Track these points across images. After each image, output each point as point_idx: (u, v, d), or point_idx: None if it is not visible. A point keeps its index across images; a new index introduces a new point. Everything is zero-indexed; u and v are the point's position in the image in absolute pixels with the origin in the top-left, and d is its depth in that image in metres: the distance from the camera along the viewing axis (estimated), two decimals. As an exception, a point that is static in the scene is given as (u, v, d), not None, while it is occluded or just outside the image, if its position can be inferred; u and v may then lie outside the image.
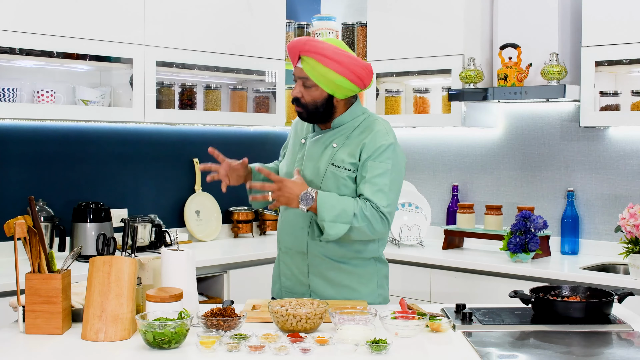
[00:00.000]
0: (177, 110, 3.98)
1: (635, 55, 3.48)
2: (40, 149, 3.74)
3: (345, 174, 2.50)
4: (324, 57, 2.44)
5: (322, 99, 2.52)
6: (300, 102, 2.54)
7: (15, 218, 2.15)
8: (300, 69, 2.50)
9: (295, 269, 2.62)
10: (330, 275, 2.58)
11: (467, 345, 2.09)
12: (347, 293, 2.59)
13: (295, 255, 2.61)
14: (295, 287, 2.63)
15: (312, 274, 2.59)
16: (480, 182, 4.32)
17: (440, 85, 4.28)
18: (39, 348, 2.06)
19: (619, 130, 3.83)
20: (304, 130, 2.69)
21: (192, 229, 4.24)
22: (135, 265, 2.19)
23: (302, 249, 2.59)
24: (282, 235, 2.66)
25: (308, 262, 2.59)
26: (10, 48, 3.27)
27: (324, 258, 2.57)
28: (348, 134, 2.57)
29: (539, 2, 3.78)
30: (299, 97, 2.53)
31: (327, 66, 2.45)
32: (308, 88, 2.51)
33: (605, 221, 3.88)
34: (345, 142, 2.56)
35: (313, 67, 2.46)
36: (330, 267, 2.58)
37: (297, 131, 2.72)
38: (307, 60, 2.47)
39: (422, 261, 3.84)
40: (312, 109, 2.54)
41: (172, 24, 3.83)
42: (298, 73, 2.52)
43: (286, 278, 2.66)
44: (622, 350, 2.12)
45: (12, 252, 3.33)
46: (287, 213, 2.62)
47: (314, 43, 2.46)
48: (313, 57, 2.45)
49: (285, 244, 2.64)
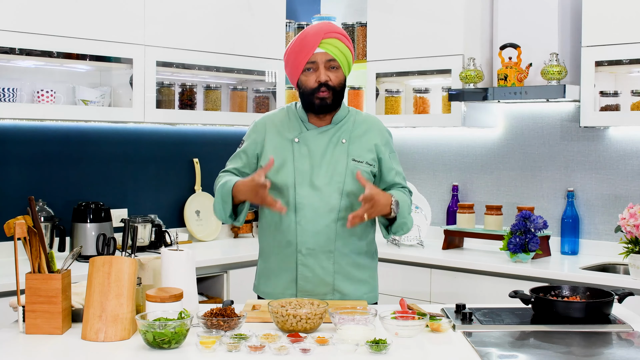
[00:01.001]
0: (177, 110, 3.98)
1: (635, 55, 3.48)
2: (40, 149, 3.74)
3: (369, 169, 2.58)
4: (344, 36, 2.56)
5: (343, 81, 2.59)
6: (329, 86, 2.53)
7: (15, 218, 2.15)
8: (325, 52, 2.52)
9: (319, 269, 2.56)
10: (352, 271, 2.59)
11: (467, 345, 2.09)
12: (366, 289, 2.63)
13: (319, 255, 2.55)
14: (317, 289, 2.57)
15: (337, 272, 2.57)
16: (480, 182, 4.32)
17: (440, 85, 4.28)
18: (39, 348, 2.06)
19: (619, 130, 3.83)
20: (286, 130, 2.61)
21: (192, 229, 4.24)
22: (135, 265, 2.18)
23: (329, 247, 2.55)
24: (302, 236, 2.54)
25: (334, 260, 2.56)
26: (10, 48, 3.28)
27: (349, 254, 2.58)
28: (350, 130, 2.60)
29: (539, 2, 3.78)
30: (327, 81, 2.53)
31: (347, 45, 2.55)
32: (334, 70, 2.55)
33: (605, 221, 3.88)
34: (351, 138, 2.59)
35: (337, 47, 2.52)
36: (352, 262, 2.59)
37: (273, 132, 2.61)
38: (329, 42, 2.52)
39: (422, 261, 3.84)
40: (338, 92, 2.56)
41: (172, 24, 3.83)
42: (322, 57, 2.52)
43: (306, 281, 2.57)
44: (622, 350, 2.12)
45: (12, 252, 3.33)
46: (304, 213, 2.53)
47: (331, 25, 2.58)
48: (336, 37, 2.53)
49: (307, 246, 2.55)
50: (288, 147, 2.59)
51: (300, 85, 2.57)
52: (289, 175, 2.56)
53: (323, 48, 2.51)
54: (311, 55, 2.51)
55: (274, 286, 2.63)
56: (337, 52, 2.52)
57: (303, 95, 2.58)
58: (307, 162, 2.57)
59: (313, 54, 2.51)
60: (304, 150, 2.58)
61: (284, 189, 2.55)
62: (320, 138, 2.58)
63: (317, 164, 2.56)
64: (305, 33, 2.54)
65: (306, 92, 2.55)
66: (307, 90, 2.55)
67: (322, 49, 2.51)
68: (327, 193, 2.54)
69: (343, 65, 2.55)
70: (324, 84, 2.52)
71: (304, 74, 2.55)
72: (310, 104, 2.56)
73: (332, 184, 2.54)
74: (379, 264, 2.75)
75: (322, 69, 2.52)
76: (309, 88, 2.54)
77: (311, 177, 2.55)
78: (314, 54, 2.51)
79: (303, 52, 2.52)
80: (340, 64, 2.54)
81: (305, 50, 2.52)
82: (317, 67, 2.53)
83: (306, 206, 2.54)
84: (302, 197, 2.54)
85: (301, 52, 2.52)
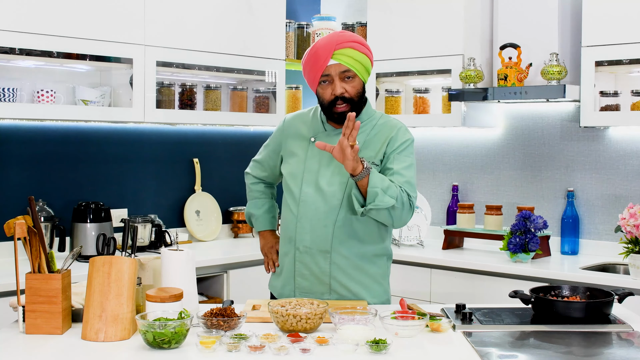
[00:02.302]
0: (177, 110, 3.98)
1: (635, 55, 3.48)
2: (40, 149, 3.74)
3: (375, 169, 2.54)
4: (358, 43, 2.52)
5: (361, 89, 2.56)
6: (345, 98, 2.52)
7: (15, 218, 2.15)
8: (338, 64, 2.49)
9: (315, 268, 2.58)
10: (352, 272, 2.58)
11: (467, 345, 2.09)
12: (365, 293, 2.60)
13: (316, 254, 2.57)
14: (314, 287, 2.59)
15: (334, 273, 2.57)
16: (480, 182, 4.32)
17: (440, 85, 4.28)
18: (39, 348, 2.06)
19: (619, 130, 3.83)
20: (306, 130, 2.66)
21: (192, 229, 4.24)
22: (135, 265, 2.19)
23: (325, 247, 2.56)
24: (300, 234, 2.58)
25: (331, 260, 2.56)
26: (10, 48, 3.27)
27: (348, 257, 2.57)
28: (367, 133, 2.59)
29: (539, 2, 3.78)
30: (342, 94, 2.51)
31: (362, 52, 2.51)
32: (350, 80, 2.52)
33: (605, 221, 3.88)
34: (365, 142, 2.57)
35: (351, 57, 2.49)
36: (352, 264, 2.58)
37: (295, 131, 2.69)
38: (343, 52, 2.48)
39: (422, 261, 3.84)
40: (357, 101, 2.55)
41: (172, 24, 3.83)
42: (336, 69, 2.50)
43: (303, 278, 2.60)
44: (622, 350, 2.12)
45: (12, 252, 3.33)
46: (305, 210, 2.56)
47: (343, 34, 2.53)
48: (349, 46, 2.49)
49: (304, 243, 2.58)
50: (304, 146, 2.63)
51: (319, 96, 2.58)
52: (298, 173, 2.60)
53: (336, 59, 2.49)
54: (324, 69, 2.50)
55: (276, 280, 2.73)
56: (352, 61, 2.49)
57: (322, 106, 2.59)
58: (317, 162, 2.58)
59: (326, 66, 2.50)
60: (316, 150, 2.59)
61: (292, 185, 2.61)
62: (334, 139, 2.58)
63: (325, 165, 2.57)
64: (316, 47, 2.52)
65: (324, 104, 2.56)
66: (325, 102, 2.55)
67: (335, 60, 2.49)
68: (329, 194, 2.54)
69: (360, 72, 2.52)
70: (340, 97, 2.51)
71: (320, 86, 2.54)
72: (330, 114, 2.58)
73: (335, 185, 2.54)
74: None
75: (337, 82, 2.51)
76: (326, 101, 2.54)
77: (317, 177, 2.56)
78: (327, 67, 2.50)
79: (316, 66, 2.51)
80: (357, 72, 2.51)
81: (319, 65, 2.50)
82: (332, 79, 2.51)
83: (308, 205, 2.56)
84: (306, 195, 2.57)
85: (315, 66, 2.51)
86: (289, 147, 2.68)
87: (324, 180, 2.56)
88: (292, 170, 2.63)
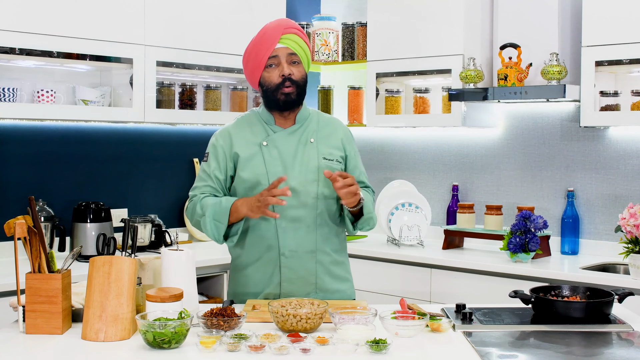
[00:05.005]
0: (177, 110, 3.98)
1: (635, 55, 3.48)
2: (40, 149, 3.74)
3: (339, 167, 2.61)
4: (301, 32, 2.59)
5: (305, 77, 2.60)
6: (292, 80, 2.54)
7: (15, 218, 2.15)
8: (286, 47, 2.54)
9: (302, 270, 2.57)
10: (332, 269, 2.62)
11: (467, 345, 2.10)
12: (345, 285, 2.67)
13: (302, 256, 2.57)
14: (300, 289, 2.57)
15: (319, 271, 2.59)
16: (480, 182, 4.32)
17: (440, 85, 4.28)
18: (39, 348, 2.06)
19: (619, 130, 3.83)
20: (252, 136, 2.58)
21: (192, 229, 4.23)
22: (135, 265, 2.19)
23: (311, 247, 2.57)
24: (284, 239, 2.54)
25: (316, 259, 2.58)
26: (10, 48, 3.28)
27: (329, 253, 2.61)
28: (315, 129, 2.63)
29: (539, 2, 3.78)
30: (290, 75, 2.53)
31: (306, 42, 2.59)
32: (296, 65, 2.56)
33: (605, 221, 3.88)
34: (317, 137, 2.61)
35: (296, 42, 2.55)
36: (332, 260, 2.62)
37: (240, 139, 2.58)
38: (289, 37, 2.54)
39: (422, 261, 3.84)
40: (302, 86, 2.57)
41: (172, 24, 3.83)
42: (284, 52, 2.54)
43: (289, 283, 2.57)
44: (622, 350, 2.12)
45: (12, 252, 3.33)
46: (284, 216, 2.52)
47: (290, 21, 2.61)
48: (295, 32, 2.56)
49: (289, 248, 2.55)
50: (257, 152, 2.57)
51: (263, 82, 2.56)
52: (262, 179, 2.54)
53: (283, 43, 2.53)
54: (272, 50, 2.53)
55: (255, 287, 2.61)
56: (297, 47, 2.55)
57: (267, 93, 2.57)
58: (279, 164, 2.55)
59: (274, 48, 2.53)
60: (275, 153, 2.56)
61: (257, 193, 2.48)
62: (289, 139, 2.59)
63: (289, 165, 2.56)
64: (265, 29, 2.56)
65: (270, 89, 2.55)
66: (271, 86, 2.54)
67: (282, 44, 2.53)
68: (303, 193, 2.54)
69: (303, 60, 2.58)
70: (288, 78, 2.53)
71: (266, 70, 2.55)
72: (275, 102, 2.56)
73: (307, 184, 2.55)
74: (378, 263, 2.78)
75: (284, 63, 2.54)
76: (273, 84, 2.54)
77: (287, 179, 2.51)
78: (275, 49, 2.53)
79: (264, 48, 2.53)
80: (301, 59, 2.57)
81: (267, 45, 2.52)
82: (279, 61, 2.54)
83: (285, 208, 2.51)
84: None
85: (262, 47, 2.53)
86: (241, 153, 2.56)
87: (293, 180, 2.53)
88: (253, 177, 2.54)
